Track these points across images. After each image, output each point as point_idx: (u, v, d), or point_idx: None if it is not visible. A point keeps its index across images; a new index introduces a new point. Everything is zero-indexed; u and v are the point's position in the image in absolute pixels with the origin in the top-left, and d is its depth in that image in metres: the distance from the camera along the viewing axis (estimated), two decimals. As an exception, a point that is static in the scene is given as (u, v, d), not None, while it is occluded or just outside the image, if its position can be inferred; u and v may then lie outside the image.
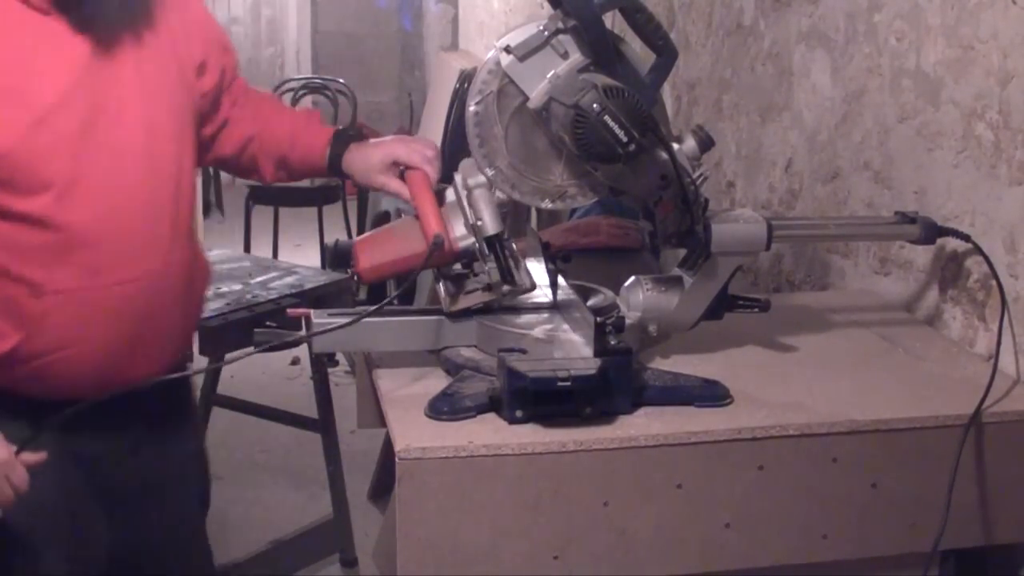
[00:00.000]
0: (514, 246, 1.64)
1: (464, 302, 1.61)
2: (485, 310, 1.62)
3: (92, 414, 1.51)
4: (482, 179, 1.62)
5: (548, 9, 1.60)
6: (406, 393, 1.54)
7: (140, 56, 1.56)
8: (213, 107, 1.75)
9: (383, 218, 4.43)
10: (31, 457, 1.48)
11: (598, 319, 1.45)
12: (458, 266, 1.64)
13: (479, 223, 1.58)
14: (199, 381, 3.42)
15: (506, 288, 1.59)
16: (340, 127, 1.83)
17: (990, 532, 1.56)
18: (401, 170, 1.72)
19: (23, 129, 1.43)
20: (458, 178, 1.64)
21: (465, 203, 1.61)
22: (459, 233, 1.60)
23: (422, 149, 1.72)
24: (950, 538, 1.52)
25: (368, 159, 1.76)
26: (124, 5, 1.52)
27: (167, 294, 1.61)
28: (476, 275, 1.63)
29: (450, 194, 1.66)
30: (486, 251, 1.58)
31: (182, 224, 1.62)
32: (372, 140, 1.81)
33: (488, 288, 1.60)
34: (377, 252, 1.64)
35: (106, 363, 1.55)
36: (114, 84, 1.52)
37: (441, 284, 1.64)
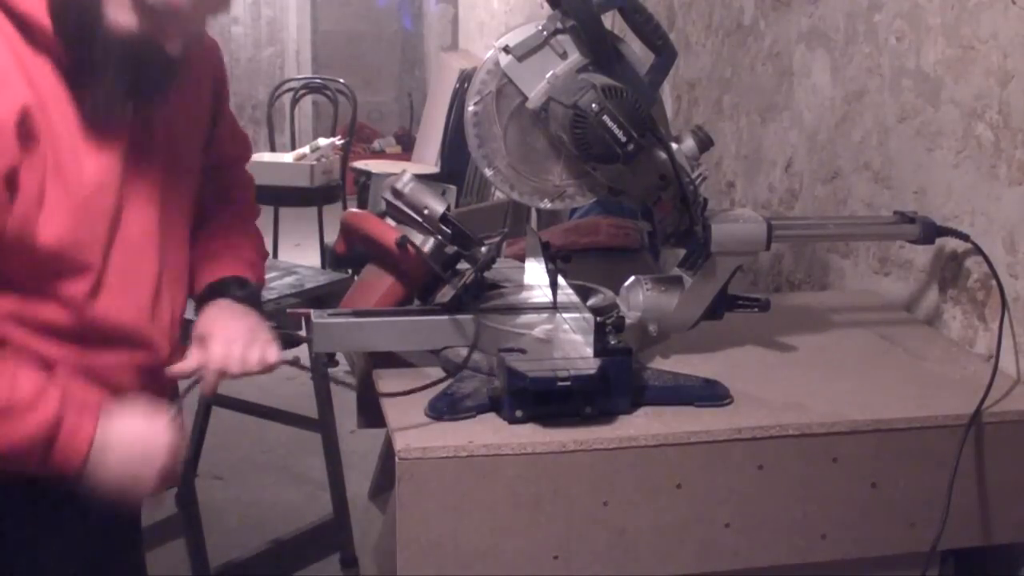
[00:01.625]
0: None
1: (452, 286, 1.63)
2: (485, 309, 1.62)
3: None
4: (406, 176, 1.66)
5: (548, 9, 1.60)
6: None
7: (170, 118, 1.50)
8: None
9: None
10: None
11: (598, 319, 1.45)
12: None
13: (426, 212, 1.63)
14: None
15: (483, 248, 1.63)
16: (240, 276, 1.63)
17: (989, 532, 1.56)
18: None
19: (70, 214, 1.36)
20: (386, 196, 1.67)
21: (406, 208, 1.64)
22: (419, 240, 1.64)
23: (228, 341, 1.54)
24: (949, 538, 1.52)
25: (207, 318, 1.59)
26: (168, 70, 1.42)
27: (153, 383, 1.54)
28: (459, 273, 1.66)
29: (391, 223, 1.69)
30: (447, 230, 1.63)
31: (177, 313, 1.56)
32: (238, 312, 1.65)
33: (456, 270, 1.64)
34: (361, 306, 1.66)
35: None
36: (145, 157, 1.46)
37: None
